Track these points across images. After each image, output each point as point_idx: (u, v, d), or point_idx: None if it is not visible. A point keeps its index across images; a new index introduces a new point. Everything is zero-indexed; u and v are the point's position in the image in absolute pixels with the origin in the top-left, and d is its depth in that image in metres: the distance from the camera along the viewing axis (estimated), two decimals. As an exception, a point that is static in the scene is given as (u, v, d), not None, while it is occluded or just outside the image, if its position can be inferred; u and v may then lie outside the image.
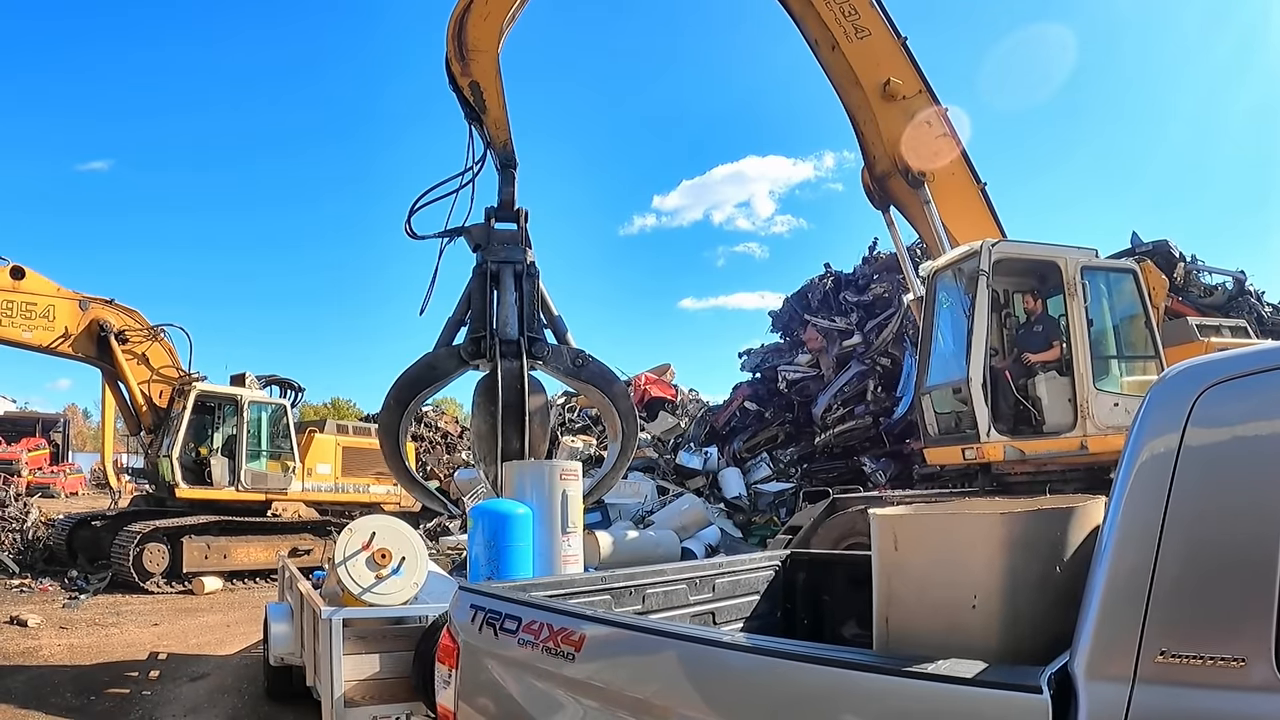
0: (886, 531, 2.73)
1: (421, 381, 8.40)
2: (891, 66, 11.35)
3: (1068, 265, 9.82)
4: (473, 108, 8.82)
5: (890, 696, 2.17)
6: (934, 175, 11.53)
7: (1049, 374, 9.85)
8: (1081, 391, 9.56)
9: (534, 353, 8.38)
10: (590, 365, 8.63)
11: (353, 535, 6.52)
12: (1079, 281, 9.74)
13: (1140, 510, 2.08)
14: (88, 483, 43.00)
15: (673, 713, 2.66)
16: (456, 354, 8.43)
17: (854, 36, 11.19)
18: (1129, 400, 9.57)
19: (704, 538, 16.57)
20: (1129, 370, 10.13)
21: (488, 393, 8.21)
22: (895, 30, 11.41)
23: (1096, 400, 9.53)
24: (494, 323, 8.36)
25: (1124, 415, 9.43)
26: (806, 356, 22.07)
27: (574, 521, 7.58)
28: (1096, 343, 9.83)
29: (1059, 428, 9.61)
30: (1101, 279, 10.11)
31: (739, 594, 4.87)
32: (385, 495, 20.40)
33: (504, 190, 8.86)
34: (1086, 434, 9.45)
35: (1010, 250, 10.16)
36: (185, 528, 16.64)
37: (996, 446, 9.52)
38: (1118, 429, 9.35)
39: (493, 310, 8.41)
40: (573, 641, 2.98)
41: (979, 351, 9.60)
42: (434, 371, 8.42)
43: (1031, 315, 10.40)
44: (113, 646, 11.01)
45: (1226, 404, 2.06)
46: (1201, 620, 1.94)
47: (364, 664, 6.34)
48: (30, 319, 15.51)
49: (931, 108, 11.50)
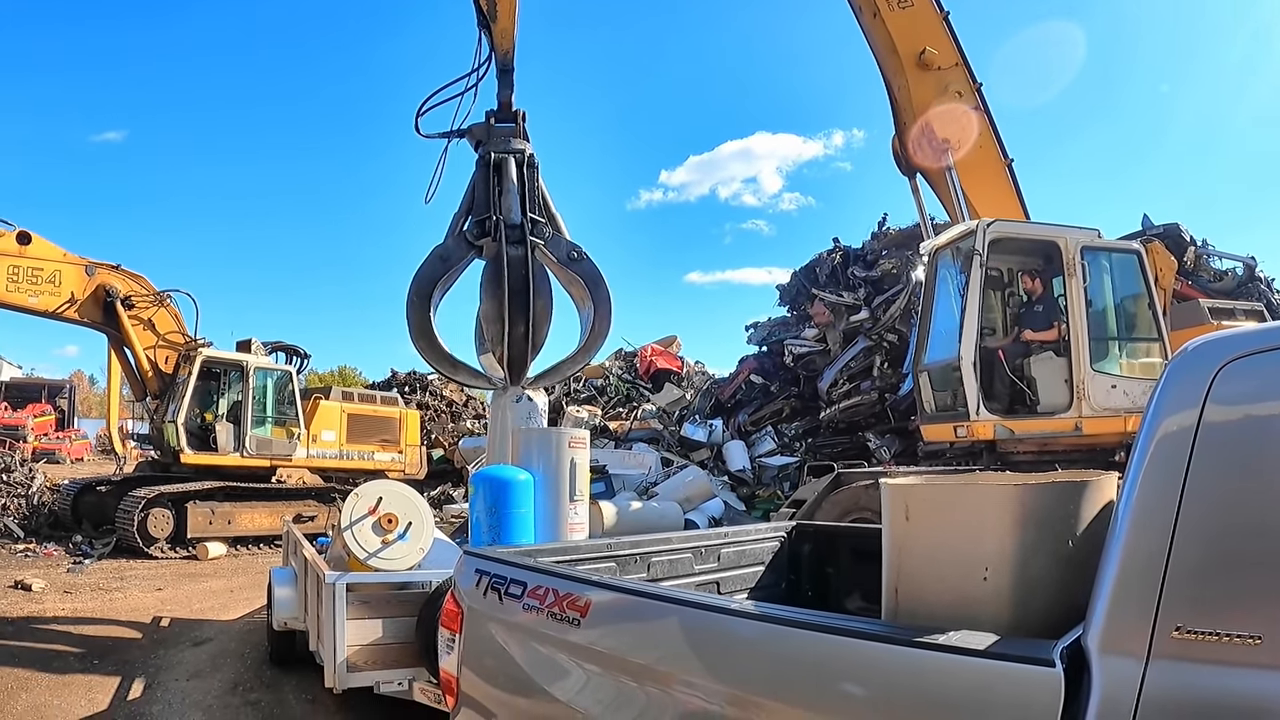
0: (898, 502, 2.70)
1: (436, 273, 8.45)
2: (930, 37, 11.37)
3: (1068, 245, 9.79)
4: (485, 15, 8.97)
5: (900, 667, 2.15)
6: (959, 145, 11.49)
7: (1045, 354, 9.86)
8: (1078, 372, 9.55)
9: (536, 233, 8.51)
10: (585, 261, 8.73)
11: (359, 500, 6.53)
12: (1079, 262, 9.71)
13: (1158, 485, 2.06)
14: (93, 449, 43.09)
15: (678, 679, 2.65)
16: (464, 239, 8.53)
17: (896, 6, 11.27)
18: (1128, 383, 9.58)
19: (708, 510, 16.59)
20: (1130, 352, 10.12)
21: (495, 276, 8.29)
22: (939, 3, 11.40)
23: (1093, 381, 9.52)
24: (498, 208, 8.51)
25: (1122, 397, 9.50)
26: (813, 331, 22.04)
27: (581, 489, 7.58)
28: (1096, 324, 9.80)
29: (1054, 408, 9.63)
30: (1105, 259, 10.06)
31: (744, 564, 4.86)
32: (390, 462, 20.44)
33: (503, 93, 9.05)
34: (1081, 415, 9.46)
35: (1008, 230, 10.18)
36: (190, 493, 16.69)
37: (986, 425, 9.61)
38: (1115, 411, 9.45)
39: (496, 197, 8.58)
40: (578, 607, 2.96)
41: (970, 330, 9.65)
42: (445, 262, 8.50)
43: (1033, 295, 10.38)
44: (117, 611, 11.05)
45: (1246, 379, 2.03)
46: (1218, 597, 1.92)
47: (367, 629, 6.36)
48: (37, 284, 15.49)
49: (965, 81, 11.48)
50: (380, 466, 20.07)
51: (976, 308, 9.73)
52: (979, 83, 11.59)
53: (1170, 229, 20.07)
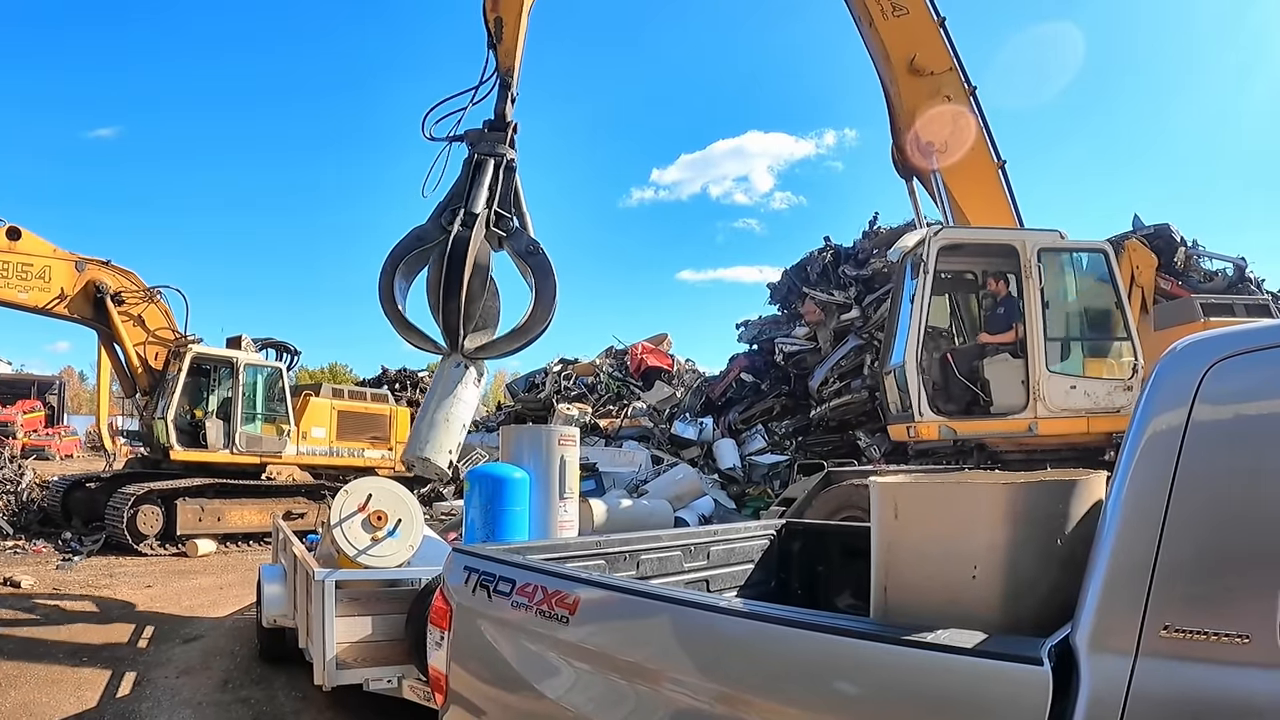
0: (887, 500, 2.70)
1: (408, 247, 9.13)
2: (923, 43, 11.42)
3: (1025, 247, 9.98)
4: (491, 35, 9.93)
5: (889, 665, 2.16)
6: (949, 149, 11.53)
7: (1001, 356, 10.04)
8: (1034, 373, 9.71)
9: (501, 225, 9.28)
10: (539, 255, 9.30)
11: (349, 496, 6.51)
12: (1035, 264, 9.88)
13: (1146, 484, 2.06)
14: (83, 445, 43.04)
15: (668, 677, 2.65)
16: (439, 224, 9.17)
17: (890, 14, 11.34)
18: (1091, 383, 9.73)
19: (698, 508, 16.61)
20: (1095, 352, 10.26)
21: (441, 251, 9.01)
22: (935, 10, 11.44)
23: (1049, 382, 9.69)
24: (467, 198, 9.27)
25: (1082, 398, 9.66)
26: (804, 329, 22.06)
27: (571, 487, 7.60)
28: (1056, 325, 9.98)
29: (1009, 409, 9.81)
30: (1069, 260, 10.27)
31: (734, 562, 4.86)
32: (380, 460, 20.40)
33: (500, 105, 9.82)
34: (1037, 416, 9.63)
35: (959, 236, 10.50)
36: (179, 490, 16.64)
37: (931, 426, 9.97)
38: (1075, 412, 9.62)
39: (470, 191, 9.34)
40: (567, 605, 2.96)
41: (914, 336, 10.00)
42: (419, 241, 9.16)
43: (997, 297, 10.55)
44: (106, 608, 11.02)
45: (1235, 379, 2.03)
46: (1206, 596, 1.93)
47: (357, 626, 6.36)
48: (26, 280, 15.42)
49: (959, 85, 11.51)
50: (370, 464, 20.02)
51: (922, 313, 10.00)
52: (973, 86, 11.62)
53: (1161, 229, 20.14)
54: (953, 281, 11.36)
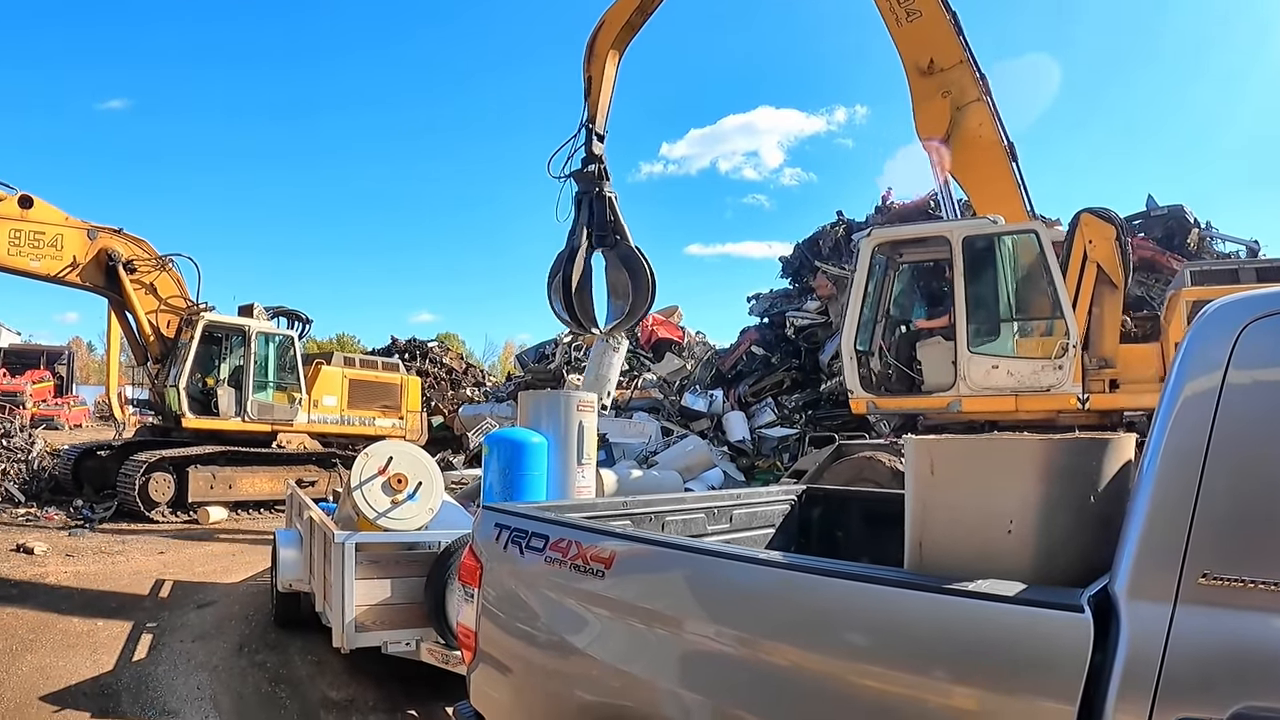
0: (923, 456, 2.71)
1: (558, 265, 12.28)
2: (936, 45, 11.46)
3: (953, 236, 10.66)
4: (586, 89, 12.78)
5: (929, 613, 2.19)
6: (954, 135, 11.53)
7: (934, 340, 10.91)
8: (960, 355, 10.40)
9: (605, 242, 12.31)
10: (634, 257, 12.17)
11: (369, 460, 6.54)
12: (959, 251, 10.54)
13: (1185, 439, 2.08)
14: (91, 415, 43.14)
15: (706, 626, 2.68)
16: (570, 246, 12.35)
17: (904, 20, 11.52)
18: (1014, 363, 10.27)
19: (707, 479, 16.68)
20: (1023, 332, 10.76)
21: None
22: (946, 6, 11.38)
23: (970, 363, 10.37)
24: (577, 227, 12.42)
25: (1005, 377, 10.27)
26: (815, 303, 22.06)
27: (589, 453, 7.64)
28: (982, 308, 10.54)
29: (938, 387, 10.64)
30: (999, 245, 10.64)
31: (755, 525, 4.90)
32: (390, 428, 20.47)
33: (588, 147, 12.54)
34: (960, 394, 10.38)
35: (889, 234, 11.82)
36: (191, 458, 16.75)
37: (860, 402, 11.26)
38: (998, 390, 10.26)
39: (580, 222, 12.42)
40: (602, 559, 2.99)
41: (850, 323, 11.25)
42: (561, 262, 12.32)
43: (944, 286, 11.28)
44: (119, 574, 11.10)
45: (1269, 339, 2.06)
46: (1243, 546, 1.95)
47: (376, 589, 6.40)
48: (38, 248, 15.46)
49: (970, 77, 11.45)
50: (381, 432, 20.08)
51: (859, 304, 11.23)
52: (984, 74, 11.57)
53: (1174, 210, 20.12)
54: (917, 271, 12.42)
